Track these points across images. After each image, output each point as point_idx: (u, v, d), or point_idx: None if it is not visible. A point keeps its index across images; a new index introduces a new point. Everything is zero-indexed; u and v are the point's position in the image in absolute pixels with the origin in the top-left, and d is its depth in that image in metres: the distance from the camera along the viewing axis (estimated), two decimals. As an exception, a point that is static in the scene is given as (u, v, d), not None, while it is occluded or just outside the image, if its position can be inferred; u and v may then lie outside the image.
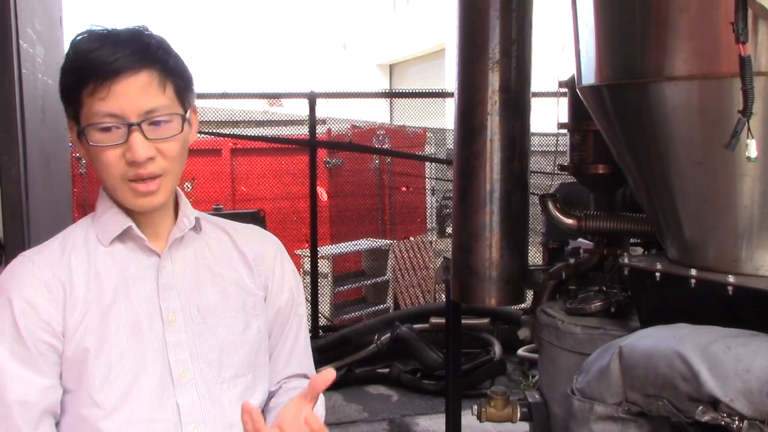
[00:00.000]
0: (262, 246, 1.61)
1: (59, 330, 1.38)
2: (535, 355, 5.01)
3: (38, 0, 2.49)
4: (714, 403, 1.66)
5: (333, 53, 22.01)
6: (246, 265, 1.57)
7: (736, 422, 1.62)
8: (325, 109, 6.79)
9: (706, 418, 1.66)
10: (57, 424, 1.41)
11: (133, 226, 1.45)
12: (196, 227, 1.53)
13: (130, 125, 1.35)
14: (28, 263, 1.41)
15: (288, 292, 1.61)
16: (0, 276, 1.42)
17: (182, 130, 1.42)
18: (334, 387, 5.29)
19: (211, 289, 1.50)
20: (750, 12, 1.58)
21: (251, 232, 1.64)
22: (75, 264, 1.42)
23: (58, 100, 1.43)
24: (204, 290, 1.50)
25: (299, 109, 6.41)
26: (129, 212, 1.46)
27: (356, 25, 21.48)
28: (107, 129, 1.36)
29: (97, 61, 1.34)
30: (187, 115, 1.45)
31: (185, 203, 1.53)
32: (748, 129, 1.53)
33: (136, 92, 1.35)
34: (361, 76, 20.08)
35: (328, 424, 4.82)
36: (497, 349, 5.62)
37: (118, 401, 1.38)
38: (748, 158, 1.54)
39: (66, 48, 1.42)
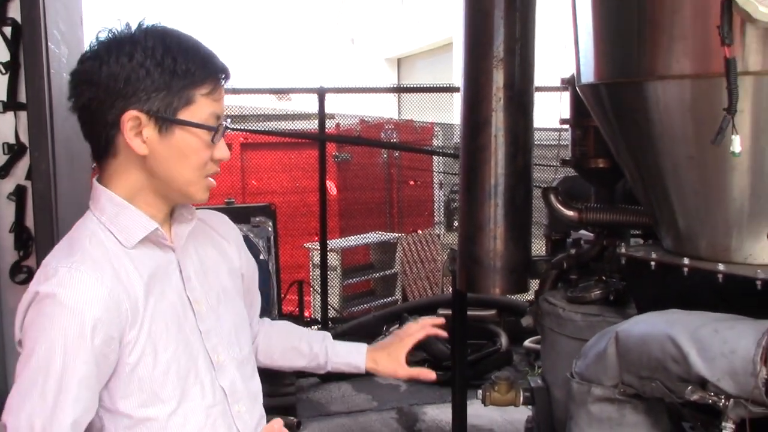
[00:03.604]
0: (233, 228, 1.74)
1: (117, 345, 1.38)
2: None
3: (62, 1, 2.60)
4: (702, 384, 1.75)
5: (341, 47, 22.06)
6: (230, 248, 1.68)
7: (723, 401, 1.71)
8: (333, 103, 6.86)
9: (694, 397, 1.76)
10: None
11: (159, 228, 1.47)
12: None
13: (225, 128, 1.47)
14: (87, 278, 1.35)
15: (251, 261, 1.76)
16: (57, 289, 1.33)
17: None
18: (343, 377, 5.39)
19: (214, 275, 1.59)
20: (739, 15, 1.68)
21: (218, 217, 1.73)
22: (122, 271, 1.41)
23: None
24: (210, 277, 1.58)
25: (308, 103, 6.50)
26: (144, 210, 1.47)
27: (364, 20, 21.52)
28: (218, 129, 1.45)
29: (218, 65, 1.45)
30: None
31: None
32: (733, 126, 1.63)
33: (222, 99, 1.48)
34: (369, 71, 20.13)
35: (338, 413, 4.88)
36: (504, 340, 5.70)
37: (181, 395, 1.44)
38: (733, 153, 1.64)
39: (87, 48, 1.43)
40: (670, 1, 1.86)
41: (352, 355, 1.87)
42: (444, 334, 1.97)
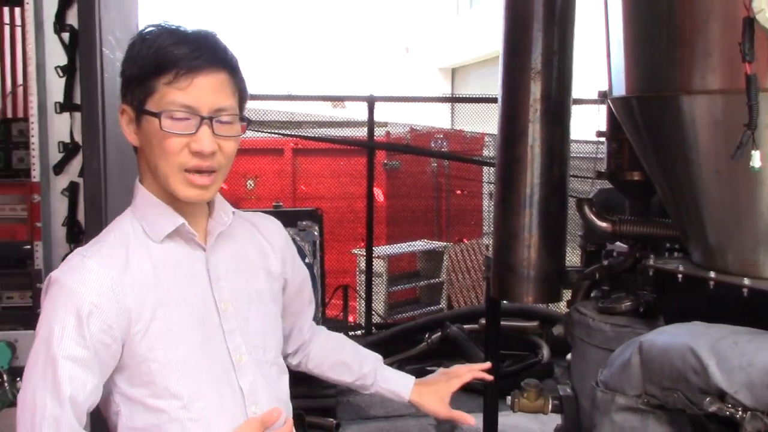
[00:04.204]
0: (281, 233, 1.75)
1: (119, 334, 1.40)
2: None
3: (118, 9, 2.73)
4: (721, 395, 1.76)
5: (396, 56, 22.23)
6: (274, 253, 1.69)
7: (740, 413, 1.72)
8: (386, 112, 6.93)
9: (712, 408, 1.77)
10: (129, 417, 1.46)
11: (186, 223, 1.49)
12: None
13: (202, 118, 1.42)
14: (94, 267, 1.41)
15: (302, 269, 1.80)
16: (65, 274, 1.41)
17: (240, 133, 1.51)
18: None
19: (248, 277, 1.60)
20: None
21: (269, 221, 1.74)
22: (137, 265, 1.44)
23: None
24: (243, 279, 1.59)
25: (361, 111, 6.59)
26: (175, 208, 1.50)
27: (419, 29, 21.64)
28: (179, 118, 1.41)
29: (181, 54, 1.40)
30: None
31: (221, 199, 1.60)
32: (753, 141, 1.65)
33: (212, 89, 1.43)
34: (423, 80, 20.23)
35: (377, 417, 4.91)
36: (545, 352, 5.68)
37: (193, 391, 1.45)
38: (752, 168, 1.65)
39: None
40: (699, 17, 1.89)
41: (398, 385, 1.90)
42: (489, 377, 1.99)
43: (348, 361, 1.91)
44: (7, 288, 2.49)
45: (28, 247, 2.54)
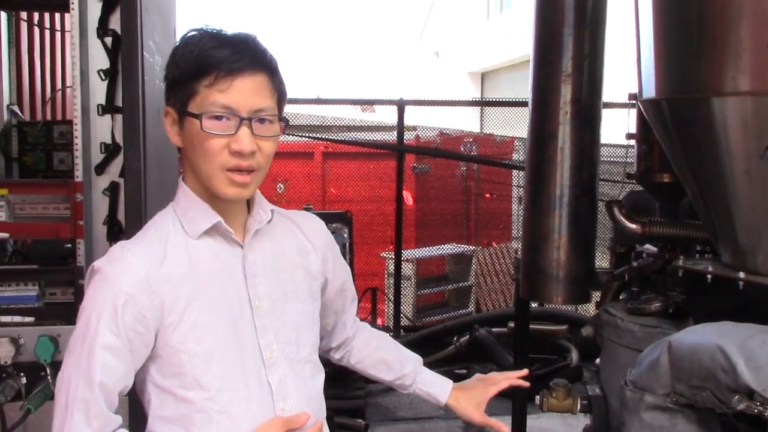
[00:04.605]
0: (323, 233, 1.78)
1: (152, 324, 1.46)
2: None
3: (158, 15, 2.81)
4: (749, 393, 1.77)
5: (426, 61, 22.28)
6: (315, 251, 1.72)
7: (768, 411, 1.74)
8: (416, 116, 6.95)
9: (741, 406, 1.78)
10: (158, 406, 1.51)
11: (222, 221, 1.53)
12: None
13: (241, 119, 1.46)
14: (132, 258, 1.47)
15: (344, 268, 1.83)
16: (105, 264, 1.47)
17: (279, 134, 1.54)
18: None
19: (286, 275, 1.64)
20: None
21: (312, 221, 1.77)
22: (174, 258, 1.50)
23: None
24: (280, 276, 1.62)
25: (391, 115, 6.64)
26: (214, 206, 1.54)
27: (449, 34, 21.68)
28: (218, 118, 1.45)
29: (222, 57, 1.44)
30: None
31: (261, 197, 1.64)
32: (782, 142, 1.67)
33: (251, 91, 1.46)
34: (452, 84, 20.25)
35: (405, 418, 4.95)
36: (574, 356, 5.66)
37: (221, 384, 1.49)
38: (781, 168, 1.67)
39: None
40: (730, 19, 1.90)
41: (436, 388, 1.95)
42: (526, 384, 2.03)
43: (389, 360, 1.94)
44: (50, 284, 2.57)
45: (70, 245, 2.62)
